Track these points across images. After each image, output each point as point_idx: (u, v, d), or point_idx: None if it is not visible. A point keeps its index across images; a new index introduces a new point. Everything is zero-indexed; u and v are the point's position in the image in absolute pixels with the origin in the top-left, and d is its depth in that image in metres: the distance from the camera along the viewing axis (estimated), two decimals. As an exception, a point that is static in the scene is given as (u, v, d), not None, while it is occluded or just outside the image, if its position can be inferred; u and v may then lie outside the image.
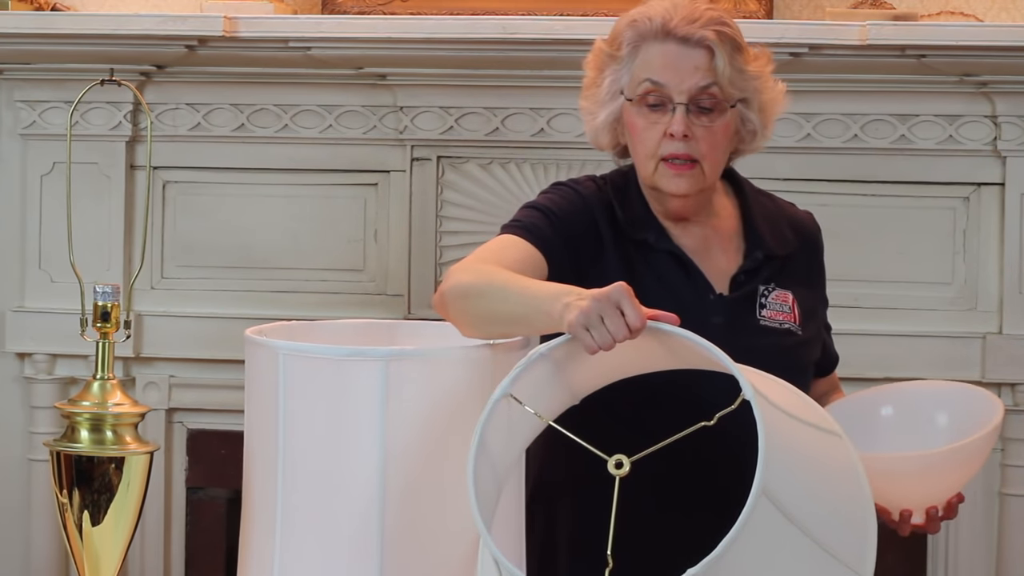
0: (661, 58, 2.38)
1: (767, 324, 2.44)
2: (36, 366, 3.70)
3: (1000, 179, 3.49)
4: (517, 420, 2.12)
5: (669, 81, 2.37)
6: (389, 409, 2.22)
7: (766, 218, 2.50)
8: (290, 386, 2.25)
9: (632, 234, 2.44)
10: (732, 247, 2.48)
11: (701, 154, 2.38)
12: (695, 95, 2.37)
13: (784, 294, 2.46)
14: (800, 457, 1.99)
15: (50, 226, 3.68)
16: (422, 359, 2.26)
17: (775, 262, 2.47)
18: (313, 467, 2.25)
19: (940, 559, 3.51)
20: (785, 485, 1.90)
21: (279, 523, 2.27)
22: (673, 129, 2.36)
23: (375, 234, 3.64)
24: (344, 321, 2.72)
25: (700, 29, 2.37)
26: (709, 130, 2.38)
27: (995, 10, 3.61)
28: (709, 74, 2.36)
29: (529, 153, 3.58)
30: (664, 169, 2.39)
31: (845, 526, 2.01)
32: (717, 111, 2.38)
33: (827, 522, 1.97)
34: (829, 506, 2.00)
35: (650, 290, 2.35)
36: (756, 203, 2.52)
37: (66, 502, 2.45)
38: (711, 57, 2.37)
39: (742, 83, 2.40)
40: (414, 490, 2.23)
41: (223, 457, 3.63)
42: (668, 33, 2.38)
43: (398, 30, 3.47)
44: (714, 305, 2.42)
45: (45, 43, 3.55)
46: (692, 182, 2.40)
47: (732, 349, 2.02)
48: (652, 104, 2.39)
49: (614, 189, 2.48)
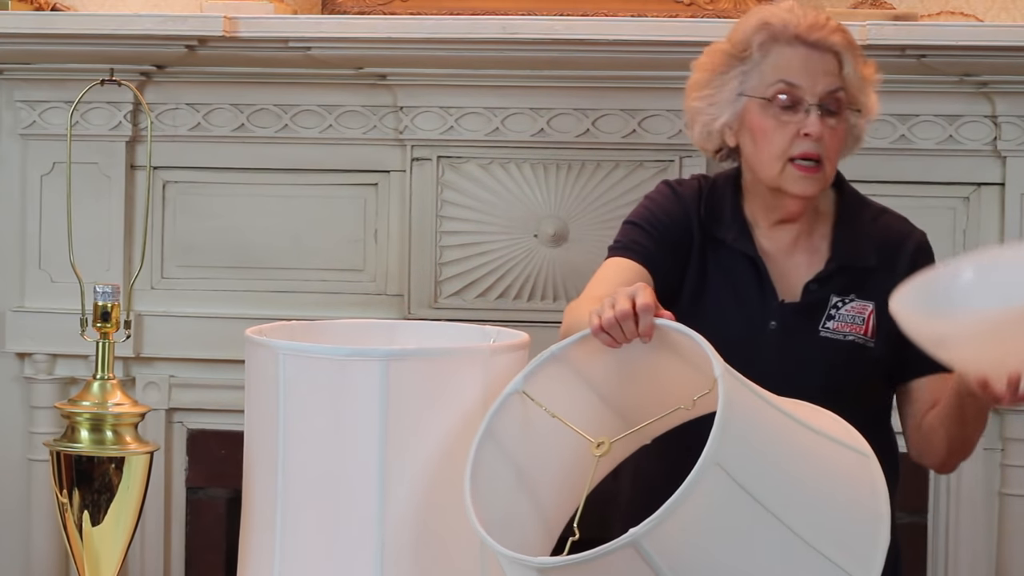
0: (795, 60, 2.45)
1: (828, 335, 2.47)
2: (36, 366, 3.69)
3: (1000, 179, 3.49)
4: (537, 420, 2.14)
5: (803, 83, 2.44)
6: (389, 409, 2.22)
7: (856, 228, 2.52)
8: (290, 386, 2.26)
9: (713, 232, 2.51)
10: (818, 253, 2.52)
11: (827, 156, 2.45)
12: (825, 98, 2.44)
13: (863, 305, 2.47)
14: (788, 450, 2.02)
15: (50, 226, 3.68)
16: (422, 359, 2.26)
17: (856, 273, 2.49)
18: (313, 467, 2.26)
19: (940, 559, 3.51)
20: (755, 466, 1.94)
21: (279, 523, 2.27)
22: (810, 129, 2.43)
23: (375, 234, 3.64)
24: (344, 321, 2.73)
25: (829, 35, 2.45)
26: (834, 132, 2.46)
27: (995, 10, 3.61)
28: (838, 79, 2.45)
29: (529, 153, 3.58)
30: (792, 171, 2.45)
31: (842, 528, 2.02)
32: (840, 115, 2.46)
33: (815, 518, 1.98)
34: (821, 505, 2.01)
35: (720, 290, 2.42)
36: (852, 210, 2.55)
37: (66, 502, 2.45)
38: (839, 62, 2.45)
39: (863, 89, 2.48)
40: (414, 490, 2.23)
41: (223, 457, 3.63)
42: (798, 37, 2.45)
43: (398, 30, 3.47)
44: (774, 311, 2.45)
45: (45, 43, 3.54)
46: (818, 184, 2.46)
47: (782, 355, 2.07)
48: (784, 105, 2.44)
49: (711, 188, 2.52)
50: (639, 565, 1.89)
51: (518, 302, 3.58)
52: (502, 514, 2.10)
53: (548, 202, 3.56)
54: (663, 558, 1.89)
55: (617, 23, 3.45)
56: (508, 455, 2.14)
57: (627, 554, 1.88)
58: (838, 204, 2.55)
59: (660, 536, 1.87)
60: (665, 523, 1.87)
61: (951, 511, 3.49)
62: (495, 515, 2.07)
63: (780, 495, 1.96)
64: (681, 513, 1.87)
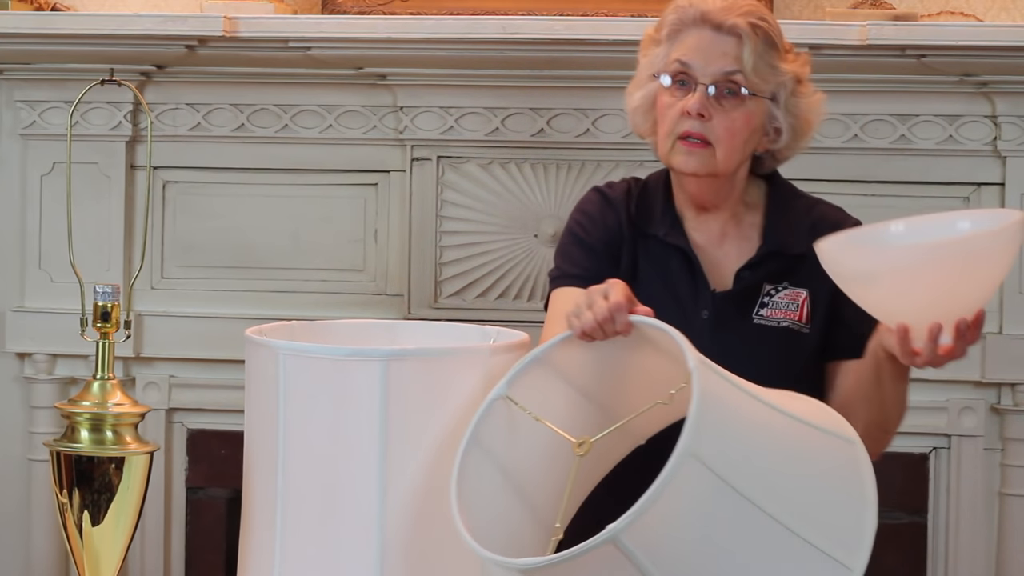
0: (694, 41, 2.46)
1: (762, 322, 2.47)
2: (36, 366, 3.69)
3: (1000, 179, 3.49)
4: (522, 424, 2.14)
5: (696, 63, 2.45)
6: (389, 409, 2.22)
7: (788, 216, 2.53)
8: (290, 386, 2.26)
9: (643, 228, 2.52)
10: (748, 243, 2.52)
11: (716, 137, 2.45)
12: (719, 80, 2.44)
13: (796, 292, 2.48)
14: (768, 440, 2.02)
15: (50, 226, 3.67)
16: (422, 359, 2.26)
17: (789, 260, 2.49)
18: (313, 467, 2.25)
19: (940, 559, 3.51)
20: (733, 457, 1.94)
21: (279, 523, 2.27)
22: (689, 106, 2.44)
23: (375, 234, 3.63)
24: (344, 321, 2.73)
25: (735, 18, 2.45)
26: (728, 115, 2.45)
27: (995, 10, 3.61)
28: (735, 62, 2.45)
29: (529, 153, 3.58)
30: (679, 146, 2.47)
31: (827, 515, 2.01)
32: (738, 98, 2.45)
33: (799, 507, 1.98)
34: (804, 493, 2.01)
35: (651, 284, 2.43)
36: (783, 199, 2.56)
37: (66, 502, 2.45)
38: (740, 46, 2.45)
39: (770, 77, 2.47)
40: (414, 490, 2.23)
41: (223, 457, 3.63)
42: (705, 20, 2.46)
43: (398, 30, 3.47)
44: (706, 301, 2.46)
45: (45, 43, 3.54)
46: (702, 162, 2.46)
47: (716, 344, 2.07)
48: (679, 84, 2.47)
49: (642, 187, 2.54)
50: (622, 562, 1.90)
51: (518, 302, 3.58)
52: (491, 518, 2.11)
53: (548, 202, 3.56)
54: (645, 553, 1.89)
55: (617, 23, 3.45)
56: (495, 460, 2.15)
57: (608, 551, 1.89)
58: (768, 194, 2.57)
59: (639, 531, 1.87)
60: (644, 517, 1.87)
61: (951, 511, 3.49)
62: (484, 519, 2.08)
63: (762, 485, 1.96)
64: (659, 507, 1.87)
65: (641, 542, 1.88)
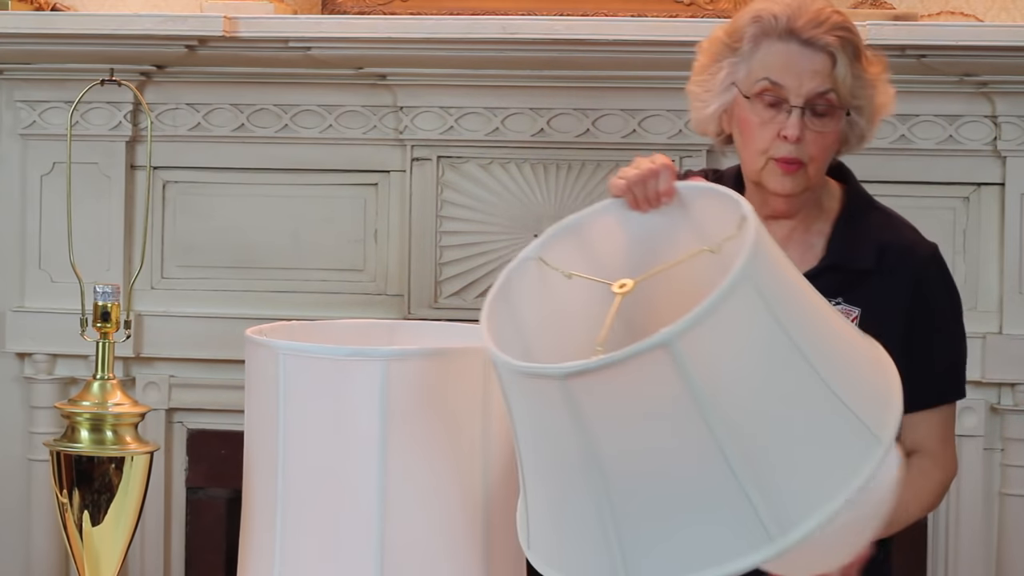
0: (782, 58, 2.37)
1: None
2: (36, 366, 3.69)
3: (1000, 179, 3.49)
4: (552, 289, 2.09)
5: (788, 83, 2.36)
6: (389, 409, 2.22)
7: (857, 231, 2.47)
8: (290, 386, 2.26)
9: None
10: (811, 251, 2.47)
11: (809, 156, 2.39)
12: (812, 99, 2.37)
13: (848, 310, 2.40)
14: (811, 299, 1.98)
15: (50, 226, 3.68)
16: (422, 359, 2.26)
17: (849, 275, 2.43)
18: (313, 467, 2.26)
19: (940, 559, 3.51)
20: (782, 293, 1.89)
21: (279, 523, 2.27)
22: (788, 132, 2.36)
23: (375, 234, 3.64)
24: (344, 321, 2.73)
25: (824, 34, 2.36)
26: (821, 135, 2.38)
27: (995, 10, 3.61)
28: (828, 80, 2.36)
29: (529, 153, 3.58)
30: (773, 167, 2.40)
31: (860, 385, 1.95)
32: (830, 116, 2.38)
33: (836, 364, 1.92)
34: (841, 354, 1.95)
35: None
36: (857, 212, 2.49)
37: (66, 502, 2.45)
38: (832, 63, 2.36)
39: (859, 90, 2.40)
40: (414, 490, 2.23)
41: (223, 457, 3.63)
42: (791, 33, 2.37)
43: (398, 30, 3.47)
44: None
45: (45, 43, 3.55)
46: (797, 183, 2.40)
47: None
48: (768, 103, 2.38)
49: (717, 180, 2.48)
50: (667, 376, 1.80)
51: (518, 302, 3.57)
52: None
53: (548, 202, 3.56)
54: (694, 366, 1.80)
55: (617, 23, 3.45)
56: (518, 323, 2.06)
57: (658, 359, 1.79)
58: (843, 202, 2.51)
59: (692, 341, 1.79)
60: (697, 328, 1.79)
61: (951, 511, 3.49)
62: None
63: (805, 330, 1.90)
64: (712, 322, 1.80)
65: (691, 353, 1.79)
